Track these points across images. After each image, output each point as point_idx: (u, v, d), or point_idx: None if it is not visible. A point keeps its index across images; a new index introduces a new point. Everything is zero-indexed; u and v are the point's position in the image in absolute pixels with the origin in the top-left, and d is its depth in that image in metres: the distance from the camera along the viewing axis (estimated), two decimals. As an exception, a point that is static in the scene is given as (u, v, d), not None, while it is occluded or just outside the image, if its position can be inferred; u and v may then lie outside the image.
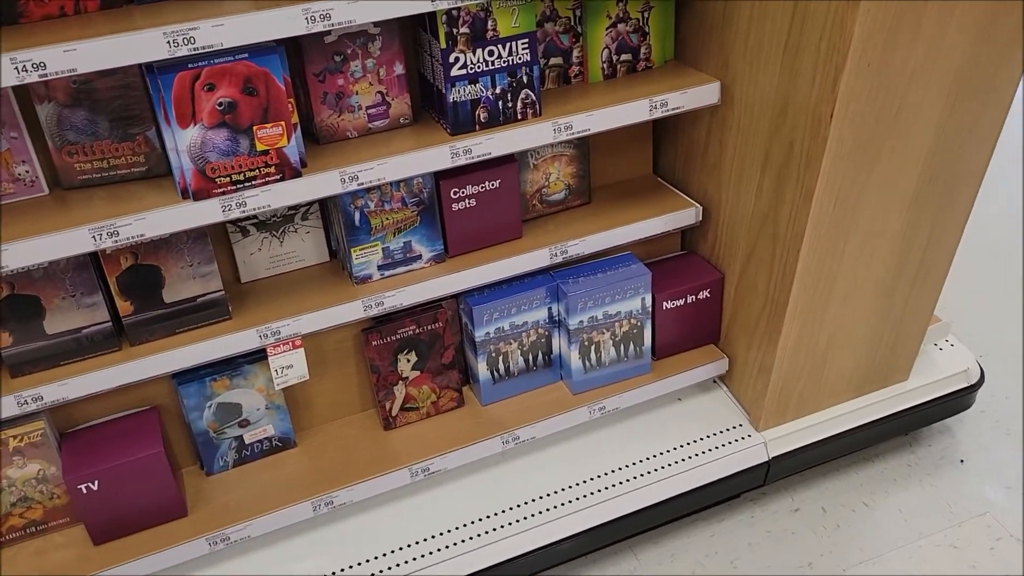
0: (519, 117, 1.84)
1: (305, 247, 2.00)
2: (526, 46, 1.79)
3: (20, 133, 1.62)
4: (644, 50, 2.04)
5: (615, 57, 2.03)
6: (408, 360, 2.09)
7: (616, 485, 2.14)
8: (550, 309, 2.15)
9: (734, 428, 2.27)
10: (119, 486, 1.84)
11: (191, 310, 1.82)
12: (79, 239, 1.55)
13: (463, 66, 1.76)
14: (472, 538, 2.04)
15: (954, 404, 2.43)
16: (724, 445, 2.23)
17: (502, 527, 2.06)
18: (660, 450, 2.22)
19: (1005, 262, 3.27)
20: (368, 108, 1.82)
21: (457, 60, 1.75)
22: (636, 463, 2.19)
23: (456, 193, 1.94)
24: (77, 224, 1.56)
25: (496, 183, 1.97)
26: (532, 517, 2.08)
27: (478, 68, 1.77)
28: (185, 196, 1.62)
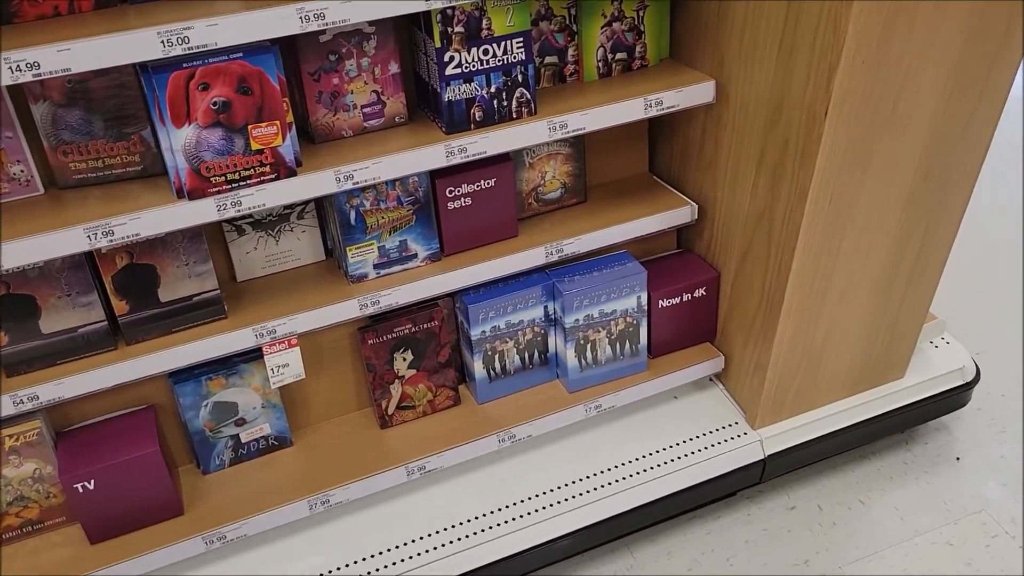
0: (514, 116, 1.85)
1: (301, 246, 2.01)
2: (521, 45, 1.80)
3: (15, 132, 1.62)
4: (639, 49, 2.04)
5: (610, 56, 2.03)
6: (404, 359, 2.09)
7: (612, 483, 2.15)
8: (546, 308, 2.15)
9: (730, 426, 2.27)
10: (115, 485, 1.84)
11: (187, 309, 1.82)
12: (74, 238, 1.55)
13: (458, 65, 1.76)
14: (468, 536, 2.04)
15: (950, 402, 2.44)
16: (720, 443, 2.23)
17: (498, 525, 2.06)
18: (656, 448, 2.23)
19: (1001, 260, 3.27)
20: (363, 107, 1.82)
21: (452, 59, 1.75)
22: (632, 461, 2.20)
23: (452, 192, 1.94)
24: (72, 224, 1.56)
25: (492, 182, 1.97)
26: (528, 515, 2.08)
27: (473, 67, 1.77)
28: (180, 195, 1.62)
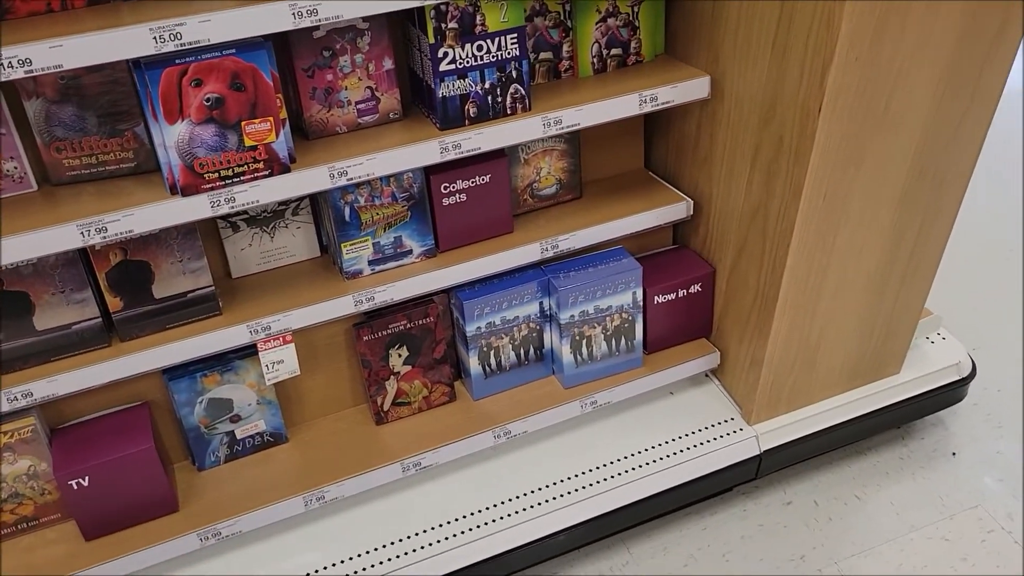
0: (508, 112, 1.84)
1: (296, 242, 2.00)
2: (515, 41, 1.79)
3: (8, 129, 1.62)
4: (634, 44, 2.04)
5: (605, 51, 2.02)
6: (399, 355, 2.09)
7: (608, 479, 2.15)
8: (541, 304, 2.15)
9: (726, 422, 2.27)
10: (110, 482, 1.84)
11: (181, 306, 1.82)
12: (67, 235, 1.55)
13: (452, 61, 1.75)
14: (464, 532, 2.04)
15: (946, 397, 2.44)
16: (716, 439, 2.23)
17: (494, 521, 2.06)
18: (652, 444, 2.23)
19: (996, 255, 3.27)
20: (357, 103, 1.81)
21: (446, 55, 1.75)
22: (628, 457, 2.20)
23: (446, 188, 1.94)
24: (65, 220, 1.55)
25: (486, 178, 1.97)
26: (524, 511, 2.08)
27: (467, 63, 1.77)
28: (173, 192, 1.62)
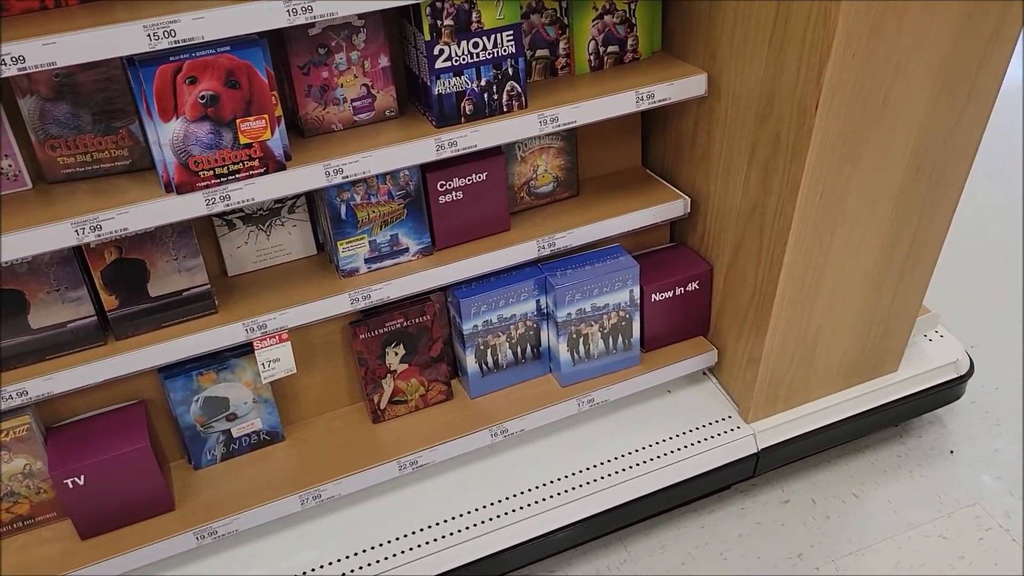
0: (505, 109, 1.84)
1: (292, 240, 2.00)
2: (511, 38, 1.79)
3: (2, 127, 1.61)
4: (631, 42, 2.04)
5: (602, 49, 2.02)
6: (396, 353, 2.09)
7: (606, 477, 2.14)
8: (538, 302, 2.14)
9: (723, 420, 2.27)
10: (106, 480, 1.84)
11: (177, 304, 1.82)
12: (61, 233, 1.55)
13: (448, 58, 1.75)
14: (461, 531, 2.04)
15: (944, 395, 2.43)
16: (713, 437, 2.23)
17: (491, 520, 2.06)
18: (649, 442, 2.22)
19: (994, 253, 3.27)
20: (353, 101, 1.81)
21: (442, 52, 1.74)
22: (625, 455, 2.19)
23: (443, 186, 1.94)
24: (60, 218, 1.55)
25: (483, 175, 1.96)
26: (521, 510, 2.08)
27: (463, 60, 1.76)
28: (168, 190, 1.62)
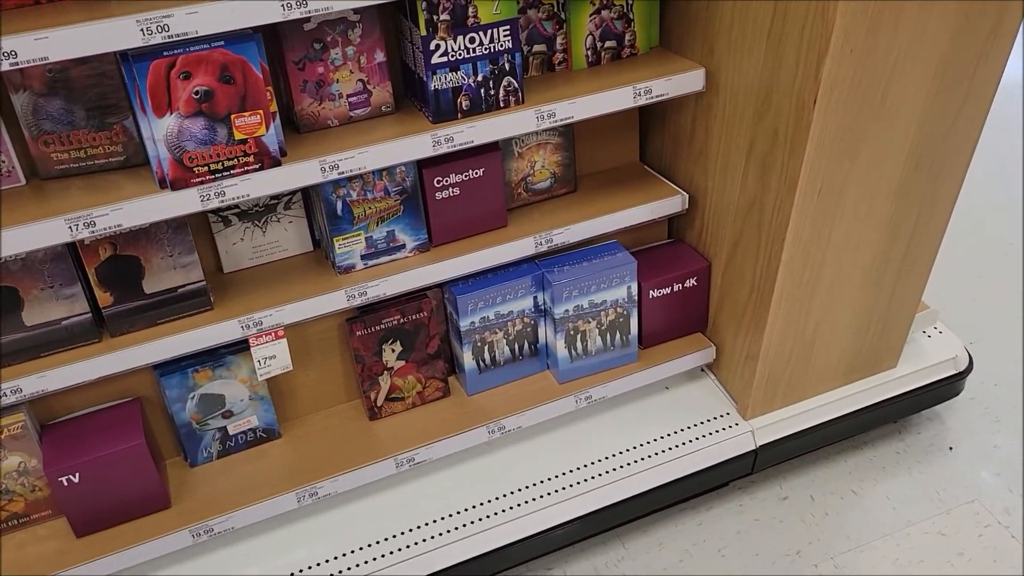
0: (501, 105, 1.83)
1: (288, 237, 1.99)
2: (508, 33, 1.78)
3: (-5, 123, 1.61)
4: (628, 37, 2.03)
5: (599, 44, 2.01)
6: (393, 350, 2.08)
7: (603, 474, 2.14)
8: (535, 298, 2.14)
9: (722, 416, 2.26)
10: (101, 478, 1.83)
11: (172, 300, 1.81)
12: (55, 230, 1.54)
13: (444, 53, 1.74)
14: (458, 528, 2.03)
15: (943, 391, 2.43)
16: (712, 434, 2.22)
17: (489, 517, 2.05)
18: (647, 439, 2.22)
19: (993, 249, 3.26)
20: (349, 96, 1.80)
21: (438, 47, 1.73)
22: (623, 452, 2.19)
23: (439, 182, 1.93)
24: (53, 215, 1.54)
25: (480, 171, 1.95)
26: (519, 507, 2.07)
27: (459, 55, 1.75)
28: (163, 186, 1.61)
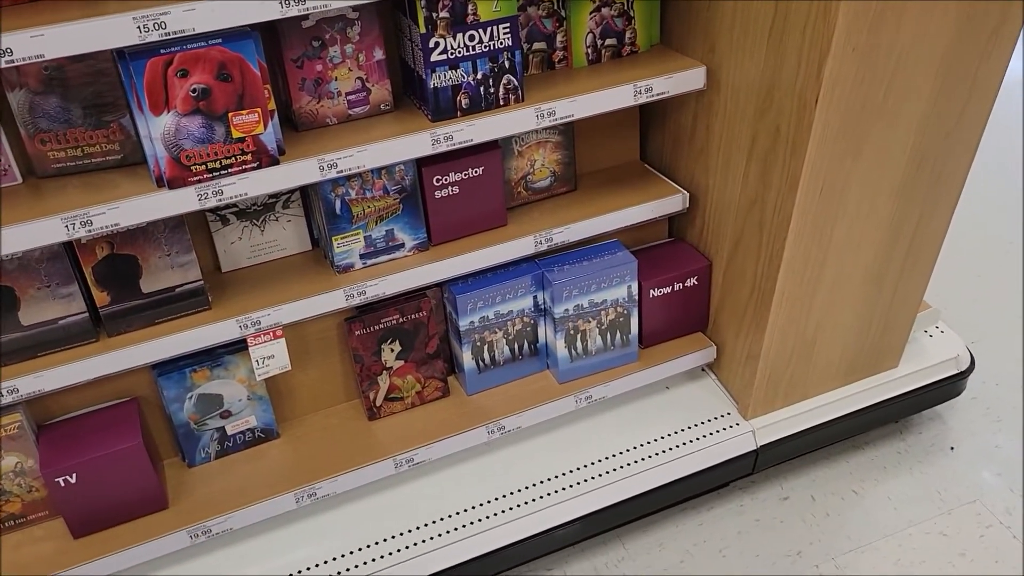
0: (501, 103, 1.82)
1: (287, 236, 1.98)
2: (508, 31, 1.76)
3: (-9, 121, 1.59)
4: (629, 34, 2.01)
5: (600, 42, 2.00)
6: (392, 350, 2.07)
7: (603, 474, 2.13)
8: (535, 297, 2.12)
9: (722, 416, 2.25)
10: (98, 479, 1.82)
11: (170, 300, 1.80)
12: (51, 229, 1.53)
13: (443, 51, 1.73)
14: (458, 529, 2.02)
15: (944, 391, 2.42)
16: (712, 434, 2.21)
17: (488, 518, 2.04)
18: (648, 439, 2.21)
19: (995, 248, 3.25)
20: (348, 94, 1.79)
21: (437, 45, 1.72)
22: (624, 452, 2.18)
23: (439, 180, 1.92)
24: (50, 213, 1.53)
25: (479, 170, 1.94)
26: (519, 507, 2.06)
27: (459, 53, 1.74)
28: (160, 185, 1.60)
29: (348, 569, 1.95)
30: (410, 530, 2.02)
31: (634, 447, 2.19)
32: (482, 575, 2.03)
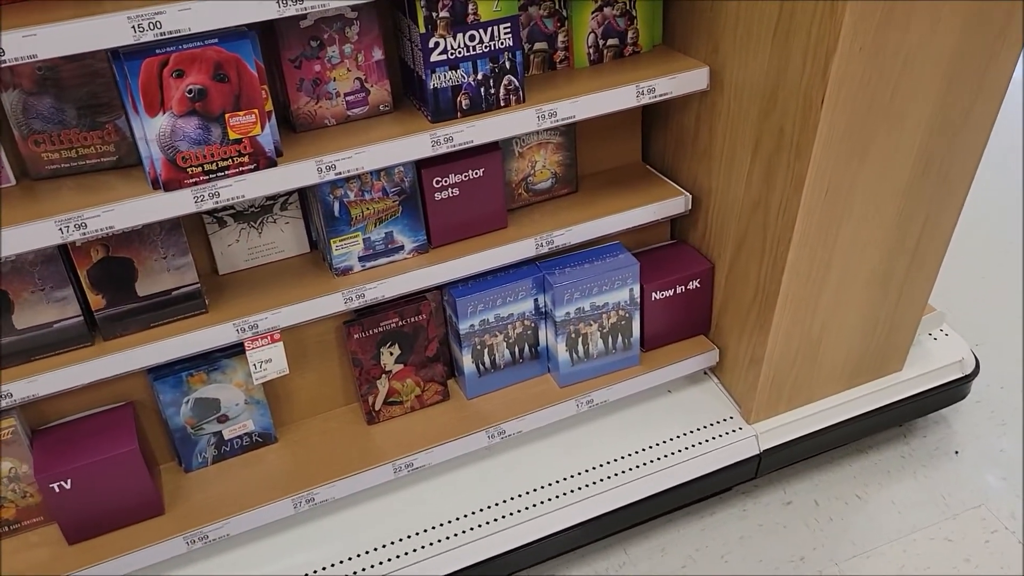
0: (502, 104, 1.80)
1: (284, 238, 1.96)
2: (508, 31, 1.74)
3: (-16, 122, 1.57)
4: (631, 35, 1.99)
5: (601, 42, 1.98)
6: (391, 353, 2.05)
7: (605, 479, 2.11)
8: (536, 300, 2.10)
9: (725, 420, 2.23)
10: (93, 484, 1.80)
11: (166, 303, 1.77)
12: (45, 231, 1.51)
13: (443, 51, 1.71)
14: (457, 535, 2.00)
15: (949, 395, 2.40)
16: (715, 438, 2.19)
17: (488, 523, 2.02)
18: (650, 443, 2.19)
19: (1001, 251, 3.23)
20: (346, 95, 1.77)
21: (437, 45, 1.70)
22: (625, 457, 2.16)
23: (439, 182, 1.89)
24: (43, 216, 1.51)
25: (480, 172, 1.92)
26: (519, 512, 2.04)
27: (459, 53, 1.72)
28: (156, 187, 1.57)
29: (346, 575, 1.93)
30: (409, 536, 2.00)
31: (636, 451, 2.17)
32: (482, 581, 2.02)
